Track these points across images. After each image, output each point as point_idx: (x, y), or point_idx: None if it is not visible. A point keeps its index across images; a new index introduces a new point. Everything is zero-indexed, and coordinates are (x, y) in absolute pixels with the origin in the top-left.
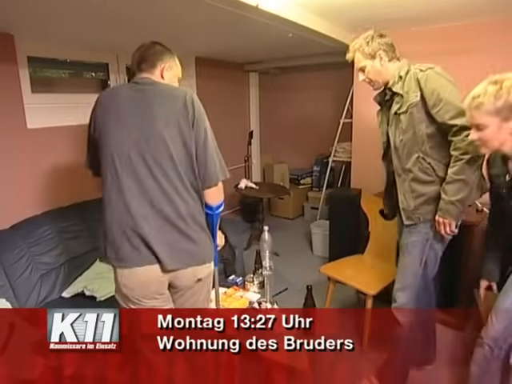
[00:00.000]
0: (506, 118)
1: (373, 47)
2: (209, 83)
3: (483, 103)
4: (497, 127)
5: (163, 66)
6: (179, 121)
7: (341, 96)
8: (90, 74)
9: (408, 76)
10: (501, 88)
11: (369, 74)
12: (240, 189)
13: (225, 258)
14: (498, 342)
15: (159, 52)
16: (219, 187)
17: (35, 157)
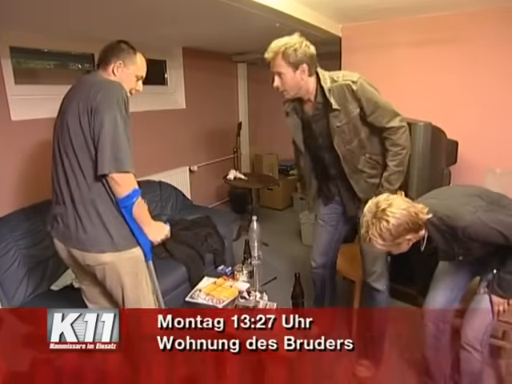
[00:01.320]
0: (399, 243)
1: (299, 57)
2: (196, 74)
3: (376, 246)
4: (398, 248)
5: (116, 64)
6: (80, 108)
7: None
8: (76, 65)
9: (337, 89)
10: (381, 230)
11: (285, 83)
12: (229, 180)
13: (214, 249)
14: (440, 317)
15: (116, 49)
16: (116, 180)
17: (21, 149)
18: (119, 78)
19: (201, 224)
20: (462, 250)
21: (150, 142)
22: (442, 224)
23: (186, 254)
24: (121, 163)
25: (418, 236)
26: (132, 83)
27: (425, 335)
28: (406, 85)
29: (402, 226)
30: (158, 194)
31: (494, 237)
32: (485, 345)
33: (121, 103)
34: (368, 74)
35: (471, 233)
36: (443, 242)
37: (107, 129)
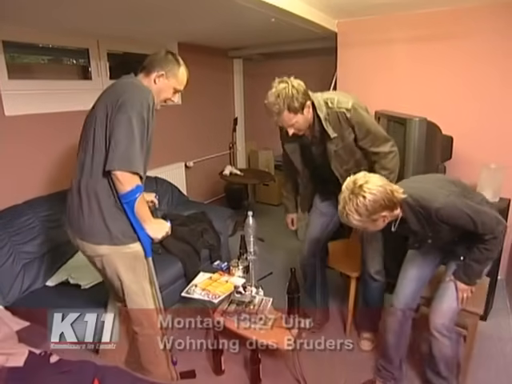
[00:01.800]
0: (375, 219)
1: (300, 101)
2: (192, 70)
3: (352, 221)
4: (373, 225)
5: (159, 73)
6: (107, 106)
7: (324, 82)
8: (71, 60)
9: (332, 117)
10: (357, 205)
11: (300, 127)
12: (225, 175)
13: (210, 244)
14: (408, 304)
15: (163, 60)
16: (118, 177)
17: (14, 145)
18: (157, 87)
19: (197, 220)
20: (432, 233)
21: None
22: (416, 205)
23: (181, 249)
24: (129, 163)
25: (394, 215)
26: (168, 94)
27: (391, 322)
28: (401, 80)
29: (377, 202)
30: (154, 190)
31: (463, 221)
32: (451, 330)
33: (142, 108)
34: (364, 70)
35: (444, 215)
36: (416, 223)
37: (122, 129)
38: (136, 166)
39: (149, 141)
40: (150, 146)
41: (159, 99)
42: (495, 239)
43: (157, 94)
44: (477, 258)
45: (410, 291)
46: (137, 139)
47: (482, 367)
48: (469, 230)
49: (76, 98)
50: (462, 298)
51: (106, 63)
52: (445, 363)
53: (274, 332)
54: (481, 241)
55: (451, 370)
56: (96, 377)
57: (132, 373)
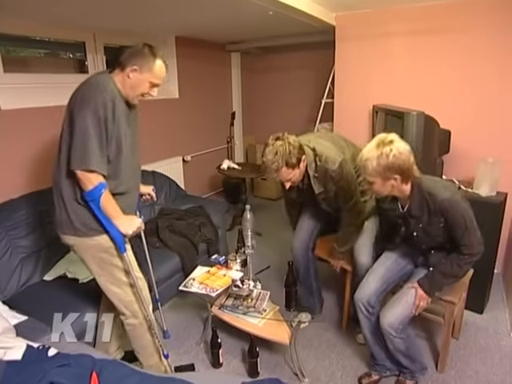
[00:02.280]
0: (387, 178)
1: (296, 157)
2: (190, 63)
3: (368, 167)
4: (381, 183)
5: (133, 68)
6: (71, 104)
7: (322, 76)
8: (67, 53)
9: (320, 172)
10: (381, 154)
11: (296, 180)
12: (222, 169)
13: (208, 238)
14: (369, 301)
15: (137, 54)
16: (79, 176)
17: (10, 138)
18: (132, 82)
19: (194, 214)
20: (422, 225)
21: (142, 132)
22: (426, 190)
23: (179, 243)
24: (86, 163)
25: (402, 189)
26: (145, 88)
27: (360, 317)
28: (399, 74)
29: (398, 162)
30: (152, 184)
31: (458, 221)
32: (400, 331)
33: (98, 107)
34: (362, 64)
35: (447, 206)
36: (417, 207)
37: (78, 128)
38: (92, 164)
39: (117, 138)
40: (122, 143)
41: (135, 94)
42: (471, 257)
43: (132, 89)
44: (445, 272)
45: (373, 288)
46: (93, 138)
47: (477, 360)
48: (454, 237)
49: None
50: (418, 306)
51: (102, 57)
52: (401, 355)
53: (272, 325)
54: (457, 254)
55: (411, 360)
56: (94, 370)
57: (129, 365)
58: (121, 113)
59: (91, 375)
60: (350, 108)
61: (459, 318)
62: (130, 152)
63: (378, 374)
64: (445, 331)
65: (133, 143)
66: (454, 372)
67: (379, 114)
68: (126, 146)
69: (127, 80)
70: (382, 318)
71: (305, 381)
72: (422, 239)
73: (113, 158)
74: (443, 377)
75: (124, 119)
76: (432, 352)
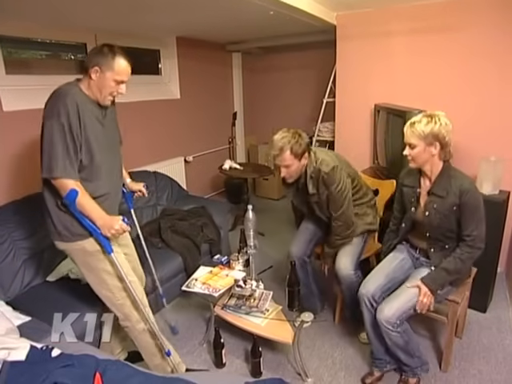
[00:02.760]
0: (430, 143)
1: (302, 148)
2: (191, 64)
3: (415, 128)
4: (423, 149)
5: (94, 69)
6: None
7: (324, 75)
8: (69, 55)
9: (315, 174)
10: (431, 119)
11: (291, 173)
12: (224, 170)
13: (210, 239)
14: (374, 295)
15: (96, 54)
16: (53, 183)
17: (13, 140)
18: (96, 83)
19: (196, 214)
20: (438, 207)
21: (144, 133)
22: (453, 172)
23: (181, 244)
24: (51, 171)
25: (437, 163)
26: (111, 88)
27: (363, 311)
28: (400, 73)
29: (443, 131)
30: (154, 185)
31: (473, 210)
32: (397, 326)
33: (59, 115)
34: (363, 63)
35: (469, 192)
36: (441, 187)
37: (44, 137)
38: (57, 172)
39: (86, 142)
40: (93, 147)
41: (103, 94)
42: (473, 250)
43: (99, 90)
44: (448, 268)
45: (378, 284)
46: (57, 146)
47: (481, 359)
48: (463, 225)
49: None
50: (422, 302)
51: None
52: (400, 349)
53: (275, 325)
54: (460, 249)
55: (410, 355)
56: (97, 370)
57: (132, 365)
58: (89, 117)
59: (95, 375)
60: (351, 107)
61: (462, 317)
62: (106, 153)
63: (379, 371)
64: (448, 330)
65: (109, 143)
66: (457, 371)
67: (381, 113)
68: (98, 149)
69: (92, 82)
70: (379, 312)
71: (308, 380)
72: (431, 221)
73: (86, 161)
74: (447, 376)
75: (95, 122)
76: (436, 351)
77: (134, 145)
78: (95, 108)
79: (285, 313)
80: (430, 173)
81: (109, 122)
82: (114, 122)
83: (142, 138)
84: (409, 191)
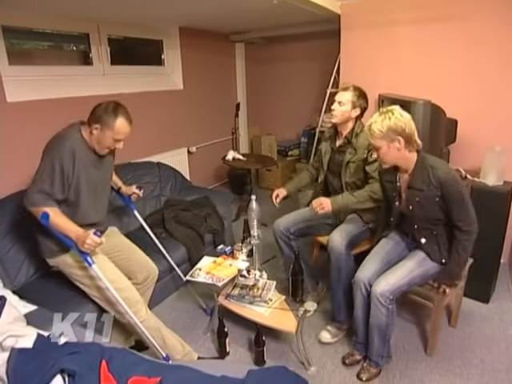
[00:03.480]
0: (391, 139)
1: (360, 103)
2: (194, 54)
3: (373, 130)
4: (387, 147)
5: (95, 126)
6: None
7: (327, 65)
8: (71, 46)
9: (362, 135)
10: (384, 117)
11: (339, 113)
12: (227, 160)
13: (213, 229)
14: (370, 280)
15: (100, 113)
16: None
17: (16, 131)
18: (95, 137)
19: (200, 205)
20: (420, 200)
21: (147, 124)
22: (429, 162)
23: (185, 234)
24: (26, 201)
25: (408, 156)
26: (108, 143)
27: (356, 295)
28: (405, 63)
29: (400, 123)
30: (157, 176)
31: (456, 196)
32: (388, 302)
33: (53, 157)
34: (367, 52)
35: (448, 179)
36: (419, 180)
37: (39, 168)
38: (29, 203)
39: (76, 184)
40: (81, 189)
41: (100, 147)
42: (470, 234)
43: (97, 143)
44: (456, 261)
45: (374, 269)
46: (44, 182)
47: (483, 349)
48: (451, 213)
49: (78, 83)
50: (446, 295)
51: (106, 48)
52: (378, 331)
53: (278, 314)
54: (456, 238)
55: (383, 340)
56: (103, 358)
57: (138, 353)
58: (83, 162)
59: (101, 363)
60: None
61: (457, 307)
62: (93, 193)
63: (359, 354)
64: (434, 316)
65: (100, 184)
66: (459, 361)
67: (385, 104)
68: (87, 190)
69: (91, 135)
70: (374, 286)
71: (311, 369)
72: (416, 213)
73: (72, 199)
74: (448, 365)
75: (89, 166)
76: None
77: (137, 136)
78: (92, 154)
79: (288, 302)
80: (405, 167)
81: (105, 165)
82: (110, 164)
83: (145, 128)
84: (389, 186)
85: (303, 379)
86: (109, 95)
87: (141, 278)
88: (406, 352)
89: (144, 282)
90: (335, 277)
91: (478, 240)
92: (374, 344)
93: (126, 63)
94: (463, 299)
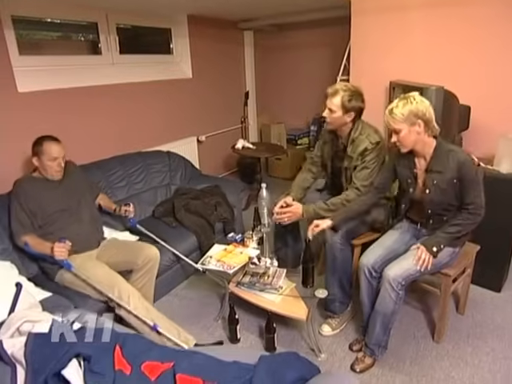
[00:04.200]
0: (412, 123)
1: (352, 105)
2: (202, 43)
3: (394, 113)
4: (407, 131)
5: (34, 158)
6: None
7: (337, 53)
8: (80, 35)
9: (358, 142)
10: (406, 101)
11: (332, 120)
12: (237, 149)
13: (224, 218)
14: (374, 265)
15: (34, 146)
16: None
17: (28, 121)
18: (40, 167)
19: (210, 193)
20: (438, 182)
21: (157, 113)
22: (448, 146)
23: (195, 222)
24: (12, 238)
25: (427, 140)
26: (50, 168)
27: (361, 281)
28: (418, 48)
29: (421, 107)
30: (167, 164)
31: (472, 180)
32: (399, 287)
33: (12, 200)
34: (379, 39)
35: (466, 163)
36: (438, 162)
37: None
38: (13, 237)
39: (40, 209)
40: (46, 210)
41: (49, 172)
42: (476, 217)
43: (44, 171)
44: (447, 231)
45: (379, 254)
46: (12, 220)
47: (494, 337)
48: (464, 196)
49: (87, 73)
50: (420, 258)
51: (115, 37)
52: (382, 317)
53: (289, 302)
54: (464, 213)
55: (385, 328)
56: (117, 343)
57: (150, 339)
58: (39, 193)
59: (115, 348)
60: (366, 85)
61: (464, 294)
62: (67, 212)
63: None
64: (441, 303)
65: (70, 204)
66: (470, 349)
67: (396, 91)
68: (54, 208)
69: (39, 168)
70: (387, 270)
71: (321, 356)
72: (432, 197)
73: (45, 220)
74: (459, 353)
75: (47, 195)
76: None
77: (146, 125)
78: (49, 183)
79: (299, 290)
80: (422, 151)
81: (69, 187)
82: (76, 184)
83: (154, 118)
84: (405, 172)
85: (315, 365)
86: (118, 84)
87: (140, 263)
88: (417, 339)
89: (145, 266)
90: (330, 265)
91: (491, 228)
92: (375, 330)
93: (134, 52)
94: (475, 288)
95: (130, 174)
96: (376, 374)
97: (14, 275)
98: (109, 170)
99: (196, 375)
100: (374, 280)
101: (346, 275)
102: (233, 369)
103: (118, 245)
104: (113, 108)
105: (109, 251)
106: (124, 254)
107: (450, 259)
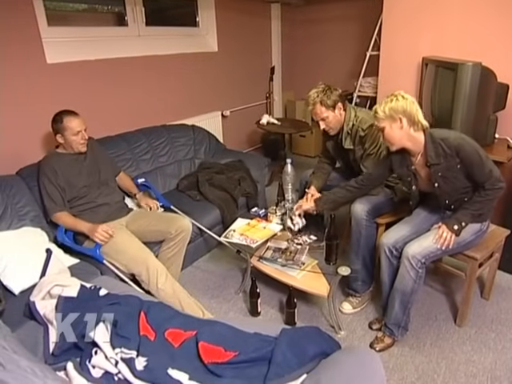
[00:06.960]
0: (393, 119)
1: (332, 99)
2: (228, 15)
3: (377, 112)
4: (390, 127)
5: (58, 135)
6: None
7: (368, 27)
8: (107, 7)
9: (353, 132)
10: (387, 100)
11: (330, 124)
12: (262, 125)
13: (247, 192)
14: (395, 243)
15: (54, 124)
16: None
17: (57, 92)
18: (66, 143)
19: (234, 168)
20: (443, 173)
21: (182, 86)
22: (438, 137)
23: (219, 196)
24: (45, 215)
25: (414, 136)
26: (76, 142)
27: (381, 259)
28: (453, 22)
29: (401, 103)
30: (192, 138)
31: (475, 158)
32: (419, 265)
33: (41, 175)
34: (412, 12)
35: (460, 143)
36: (434, 156)
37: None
38: (46, 214)
39: (67, 183)
40: (74, 183)
41: (74, 146)
42: (495, 191)
43: (70, 147)
44: (468, 208)
45: (401, 234)
46: (44, 196)
47: (509, 323)
48: (474, 175)
49: (114, 44)
50: (441, 236)
51: (141, 9)
52: (401, 295)
53: (311, 278)
54: (481, 190)
55: (404, 307)
56: (142, 309)
57: (174, 307)
58: (65, 167)
59: (139, 314)
60: (397, 61)
61: (490, 279)
62: (95, 183)
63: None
64: (466, 287)
65: (94, 175)
66: (493, 335)
67: (429, 67)
68: (81, 181)
69: (64, 145)
70: (406, 248)
71: (341, 333)
72: (443, 189)
73: (74, 194)
74: (482, 338)
75: (73, 169)
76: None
77: (171, 98)
78: (74, 159)
79: (321, 266)
80: (413, 148)
81: (92, 159)
82: (100, 155)
83: (179, 91)
84: (403, 171)
85: (336, 341)
86: (143, 56)
87: (174, 232)
88: (438, 322)
89: (177, 235)
90: (355, 241)
91: None
92: (393, 309)
93: (160, 24)
94: (503, 274)
95: (154, 146)
96: (395, 353)
97: (44, 241)
98: (134, 143)
99: (218, 344)
100: (394, 259)
101: (369, 254)
102: (254, 340)
103: (149, 215)
104: (138, 81)
105: (139, 220)
106: (156, 224)
107: (475, 237)
